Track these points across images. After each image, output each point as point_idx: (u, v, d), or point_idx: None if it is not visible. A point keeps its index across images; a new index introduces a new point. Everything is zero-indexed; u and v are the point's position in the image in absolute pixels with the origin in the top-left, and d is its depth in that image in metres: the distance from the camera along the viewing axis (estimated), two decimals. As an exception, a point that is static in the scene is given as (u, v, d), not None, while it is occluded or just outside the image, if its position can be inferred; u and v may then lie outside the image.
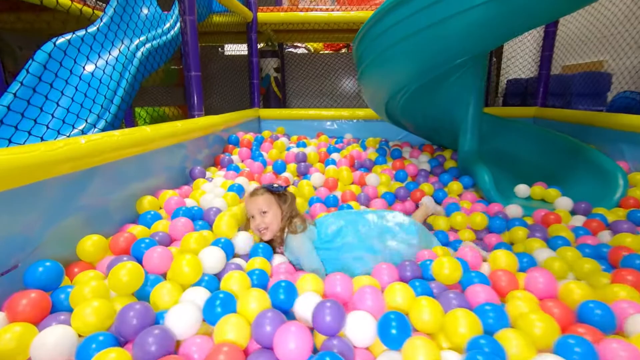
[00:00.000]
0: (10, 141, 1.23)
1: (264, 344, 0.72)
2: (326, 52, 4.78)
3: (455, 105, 1.96)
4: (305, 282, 0.89)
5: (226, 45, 4.83)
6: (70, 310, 0.79)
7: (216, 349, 0.67)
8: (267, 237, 1.15)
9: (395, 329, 0.73)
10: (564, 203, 1.66)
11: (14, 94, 1.70)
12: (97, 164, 1.10)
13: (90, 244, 0.98)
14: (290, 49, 4.81)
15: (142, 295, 0.87)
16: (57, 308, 0.80)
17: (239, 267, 1.00)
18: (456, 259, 1.03)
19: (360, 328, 0.76)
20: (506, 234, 1.47)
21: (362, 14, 3.00)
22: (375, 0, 3.45)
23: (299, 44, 4.81)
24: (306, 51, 4.82)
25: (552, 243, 1.28)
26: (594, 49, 2.97)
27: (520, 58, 4.03)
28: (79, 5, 2.72)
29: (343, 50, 4.80)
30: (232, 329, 0.73)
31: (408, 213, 1.61)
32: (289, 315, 0.85)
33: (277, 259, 1.12)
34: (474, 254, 1.16)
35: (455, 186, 1.84)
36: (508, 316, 0.77)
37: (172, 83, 4.25)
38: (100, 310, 0.75)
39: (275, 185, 1.19)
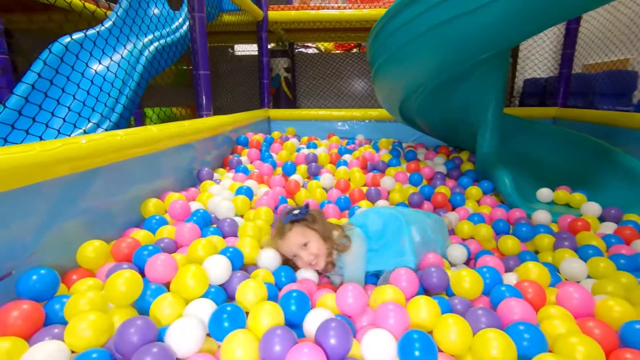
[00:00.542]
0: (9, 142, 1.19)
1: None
2: (337, 52, 4.71)
3: (475, 105, 1.87)
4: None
5: (236, 46, 4.80)
6: (65, 322, 0.74)
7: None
8: (321, 266, 1.04)
9: (419, 350, 0.65)
10: (591, 208, 1.55)
11: (24, 96, 1.68)
12: (99, 164, 1.05)
13: (92, 249, 0.92)
14: (300, 49, 4.76)
15: (143, 306, 0.81)
16: (51, 320, 0.75)
17: (245, 277, 0.93)
18: (476, 270, 0.95)
19: (378, 348, 0.68)
20: (530, 242, 1.38)
21: (374, 11, 2.92)
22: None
23: (310, 44, 4.76)
24: (317, 51, 4.76)
25: (583, 253, 1.19)
26: (619, 47, 2.84)
27: (539, 56, 3.91)
28: (92, 7, 2.71)
29: (354, 50, 4.73)
30: (241, 347, 0.66)
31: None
32: (299, 329, 0.78)
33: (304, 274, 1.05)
34: (495, 262, 1.08)
35: (474, 191, 1.75)
36: (546, 339, 0.69)
37: (182, 83, 4.23)
38: (96, 324, 0.69)
39: (295, 212, 1.03)
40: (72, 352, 0.67)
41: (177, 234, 1.05)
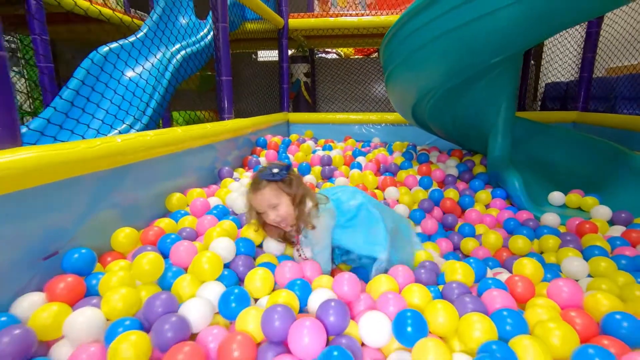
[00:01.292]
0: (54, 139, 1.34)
1: (273, 338, 0.74)
2: (357, 57, 4.79)
3: (486, 109, 1.91)
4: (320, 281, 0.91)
5: (259, 52, 4.97)
6: (98, 295, 0.86)
7: (230, 337, 0.70)
8: (288, 229, 1.06)
9: (411, 326, 0.72)
10: (601, 212, 1.56)
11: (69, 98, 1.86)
12: (131, 161, 1.18)
13: (123, 235, 1.05)
14: (321, 55, 4.87)
15: (166, 286, 0.92)
16: (90, 292, 0.87)
17: (248, 259, 1.03)
18: (468, 264, 1.01)
19: (374, 329, 0.76)
20: (535, 243, 1.41)
21: (392, 17, 2.99)
22: (405, 4, 3.42)
23: (330, 50, 4.86)
24: (337, 56, 4.86)
25: (587, 253, 1.22)
26: (642, 50, 2.78)
27: (559, 60, 3.85)
28: (124, 16, 2.92)
29: (374, 55, 4.79)
30: (253, 321, 0.76)
31: (433, 229, 1.56)
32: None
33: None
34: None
35: (483, 195, 1.78)
36: (527, 323, 0.74)
37: (207, 88, 4.43)
38: (127, 297, 0.80)
39: (274, 171, 1.01)
40: (107, 320, 0.78)
41: (199, 224, 1.16)
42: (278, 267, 0.96)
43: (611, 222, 1.55)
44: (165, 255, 1.01)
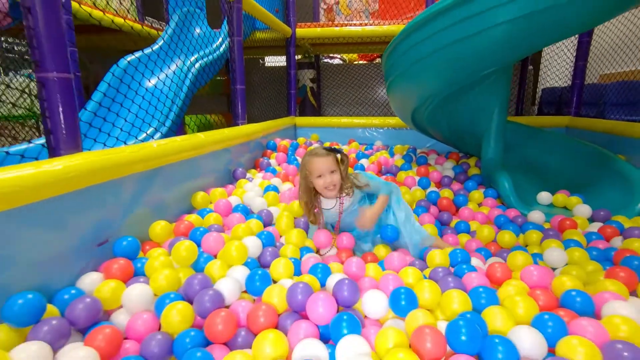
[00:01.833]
0: (95, 141, 1.52)
1: (296, 308, 0.91)
2: (360, 62, 4.96)
3: (479, 115, 2.07)
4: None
5: (267, 57, 5.15)
6: (145, 275, 1.03)
7: (257, 307, 0.87)
8: (333, 194, 1.30)
9: (404, 300, 0.89)
10: (582, 210, 1.72)
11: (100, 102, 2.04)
12: (163, 164, 1.35)
13: (159, 227, 1.22)
14: (326, 60, 5.04)
15: (199, 269, 1.09)
16: (137, 272, 1.04)
17: (275, 253, 1.20)
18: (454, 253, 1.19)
19: (375, 303, 0.92)
20: (521, 237, 1.56)
21: (393, 27, 3.15)
22: (407, 14, 3.59)
23: (335, 55, 5.03)
24: (341, 62, 5.03)
25: (565, 245, 1.37)
26: (633, 57, 2.92)
27: (557, 66, 4.00)
28: (136, 25, 3.11)
29: (377, 60, 4.96)
30: (277, 296, 0.93)
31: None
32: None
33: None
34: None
35: (476, 195, 1.94)
36: (497, 298, 0.91)
37: (217, 92, 4.62)
38: (170, 277, 0.97)
39: (335, 147, 1.31)
40: (155, 295, 0.95)
41: (227, 221, 1.34)
42: (346, 262, 1.13)
43: (592, 219, 1.70)
44: (197, 244, 1.18)
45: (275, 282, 1.07)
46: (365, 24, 3.24)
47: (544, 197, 1.98)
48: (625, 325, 0.81)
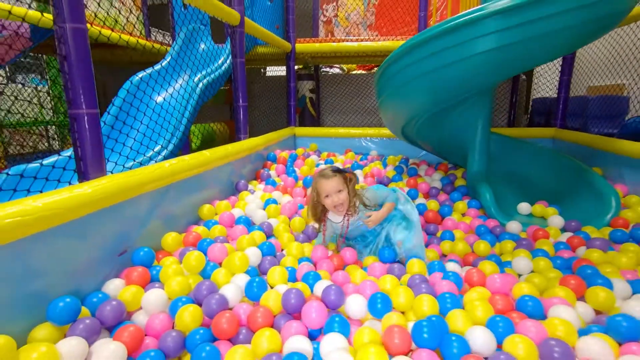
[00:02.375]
0: (112, 150, 1.68)
1: (289, 310, 1.06)
2: (359, 72, 5.12)
3: (464, 131, 2.22)
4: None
5: (268, 67, 5.33)
6: (160, 281, 1.19)
7: (256, 309, 1.03)
8: (341, 212, 1.42)
9: (380, 304, 1.05)
10: (556, 221, 1.87)
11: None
12: (173, 181, 1.52)
13: (171, 238, 1.39)
14: (325, 69, 5.21)
15: (206, 275, 1.25)
16: (153, 279, 1.20)
17: (273, 261, 1.36)
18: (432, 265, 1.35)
19: (356, 305, 1.08)
20: (498, 246, 1.72)
21: (389, 43, 3.31)
22: (401, 27, 3.75)
23: (334, 64, 5.19)
24: (340, 71, 5.19)
25: (533, 254, 1.52)
26: (617, 72, 3.07)
27: (548, 77, 4.14)
28: (148, 44, 3.28)
29: (374, 70, 5.11)
30: (272, 300, 1.08)
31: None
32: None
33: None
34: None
35: (460, 205, 2.09)
36: (462, 302, 1.06)
37: (221, 102, 4.79)
38: (181, 283, 1.13)
39: (342, 168, 1.43)
40: (169, 298, 1.11)
41: (232, 232, 1.50)
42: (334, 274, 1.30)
43: (564, 229, 1.85)
44: (204, 254, 1.35)
45: (271, 287, 1.23)
46: (362, 40, 3.40)
47: (523, 207, 2.13)
48: (562, 326, 0.96)
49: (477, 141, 2.20)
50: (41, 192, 1.00)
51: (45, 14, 1.57)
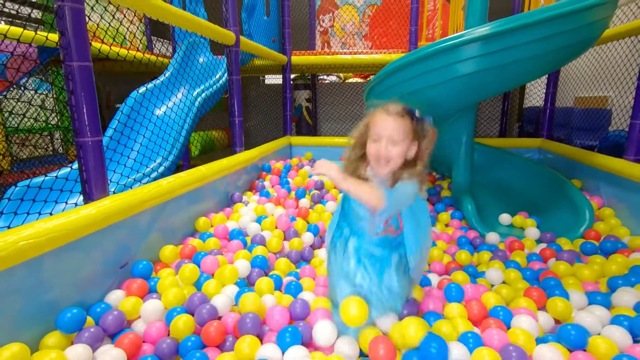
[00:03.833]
0: (118, 163, 1.80)
1: (274, 325, 1.18)
2: (354, 80, 5.24)
3: (449, 144, 2.33)
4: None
5: (266, 75, 5.45)
6: (157, 292, 1.31)
7: (244, 316, 1.15)
8: (383, 172, 0.97)
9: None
10: (532, 232, 1.98)
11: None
12: (171, 197, 1.63)
13: (168, 251, 1.50)
14: (322, 77, 5.33)
15: (199, 287, 1.36)
16: (151, 290, 1.32)
17: (260, 273, 1.47)
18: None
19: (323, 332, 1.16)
20: (476, 256, 1.82)
21: (382, 56, 3.43)
22: (396, 40, 3.86)
23: (331, 73, 5.31)
24: (337, 79, 5.31)
25: (507, 265, 1.63)
26: (602, 84, 3.17)
27: (540, 87, 4.25)
28: (153, 58, 3.41)
29: (370, 77, 5.23)
30: (252, 305, 1.20)
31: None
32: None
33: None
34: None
35: (444, 216, 2.20)
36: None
37: (219, 109, 4.91)
38: (176, 294, 1.25)
39: (418, 114, 0.93)
40: (165, 308, 1.23)
41: (229, 246, 1.62)
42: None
43: (540, 241, 1.96)
44: (198, 266, 1.46)
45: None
46: (356, 52, 3.52)
47: (504, 218, 2.24)
48: (523, 335, 1.07)
49: (461, 154, 2.31)
50: (50, 214, 1.12)
51: (49, 36, 1.71)
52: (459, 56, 1.75)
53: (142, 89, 2.64)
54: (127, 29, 3.92)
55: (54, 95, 4.81)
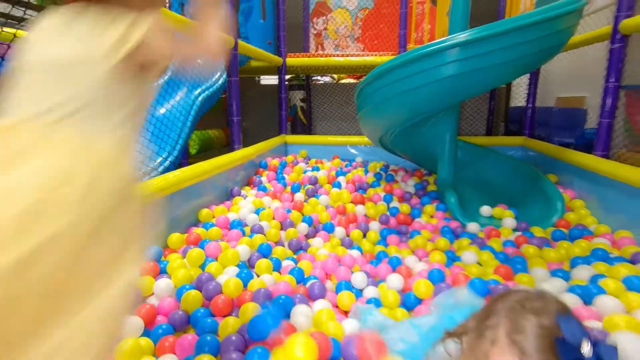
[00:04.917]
0: None
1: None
2: (348, 80, 5.40)
3: (434, 141, 2.49)
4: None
5: (262, 76, 5.59)
6: (167, 273, 1.46)
7: (244, 292, 1.30)
8: None
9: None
10: (509, 222, 2.15)
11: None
12: (176, 190, 1.78)
13: (175, 238, 1.65)
14: (316, 77, 5.48)
15: (204, 268, 1.51)
16: (161, 271, 1.47)
17: (259, 257, 1.63)
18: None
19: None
20: (456, 242, 1.99)
21: (373, 58, 3.59)
22: (387, 43, 4.03)
23: (325, 74, 5.46)
24: (330, 79, 5.47)
25: (482, 250, 1.80)
26: (580, 85, 3.36)
27: (523, 86, 4.44)
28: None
29: (362, 78, 5.40)
30: (257, 285, 1.35)
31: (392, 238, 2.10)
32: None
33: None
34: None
35: (429, 208, 2.37)
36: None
37: (217, 109, 5.04)
38: (185, 274, 1.40)
39: (585, 350, 0.49)
40: (175, 286, 1.38)
41: (229, 235, 1.77)
42: None
43: (516, 229, 2.13)
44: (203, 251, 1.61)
45: (258, 276, 1.50)
46: (348, 55, 3.68)
47: (485, 210, 2.41)
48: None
49: (445, 150, 2.47)
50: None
51: None
52: (441, 60, 1.92)
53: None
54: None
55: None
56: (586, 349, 0.50)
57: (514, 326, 0.53)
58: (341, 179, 2.74)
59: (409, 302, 1.34)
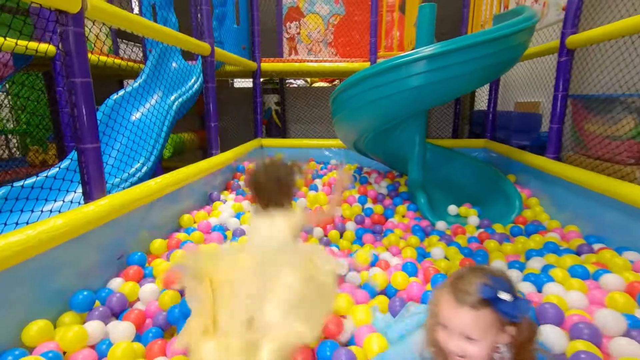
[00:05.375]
0: None
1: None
2: (321, 84, 5.52)
3: (404, 145, 2.64)
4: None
5: (235, 79, 5.60)
6: (152, 276, 1.50)
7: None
8: None
9: None
10: (472, 220, 2.33)
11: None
12: (158, 197, 1.81)
13: (158, 244, 1.69)
14: (289, 81, 5.56)
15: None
16: (146, 275, 1.51)
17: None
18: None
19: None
20: (427, 240, 2.14)
21: (346, 65, 3.72)
22: (358, 49, 4.18)
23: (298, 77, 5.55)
24: (304, 82, 5.57)
25: (449, 245, 1.96)
26: (535, 91, 3.63)
27: (485, 92, 4.71)
28: (121, 62, 3.49)
29: (336, 82, 5.53)
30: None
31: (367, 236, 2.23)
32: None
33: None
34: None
35: (401, 208, 2.52)
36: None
37: (190, 112, 5.00)
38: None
39: (504, 297, 0.67)
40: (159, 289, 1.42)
41: (209, 238, 1.82)
42: None
43: (480, 227, 2.31)
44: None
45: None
46: (322, 60, 3.79)
47: (452, 209, 2.59)
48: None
49: (415, 152, 2.63)
50: (59, 211, 1.29)
51: (29, 44, 1.83)
52: (410, 71, 2.06)
53: (114, 97, 2.75)
54: (90, 30, 3.95)
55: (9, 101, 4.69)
56: (505, 296, 0.67)
57: (454, 281, 0.74)
58: (317, 182, 2.84)
59: (390, 293, 1.46)
